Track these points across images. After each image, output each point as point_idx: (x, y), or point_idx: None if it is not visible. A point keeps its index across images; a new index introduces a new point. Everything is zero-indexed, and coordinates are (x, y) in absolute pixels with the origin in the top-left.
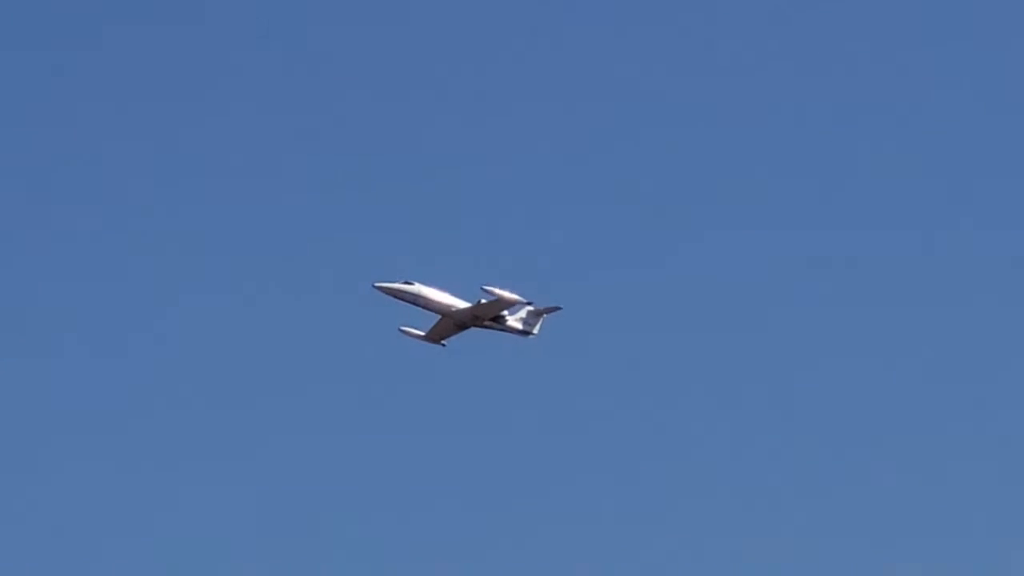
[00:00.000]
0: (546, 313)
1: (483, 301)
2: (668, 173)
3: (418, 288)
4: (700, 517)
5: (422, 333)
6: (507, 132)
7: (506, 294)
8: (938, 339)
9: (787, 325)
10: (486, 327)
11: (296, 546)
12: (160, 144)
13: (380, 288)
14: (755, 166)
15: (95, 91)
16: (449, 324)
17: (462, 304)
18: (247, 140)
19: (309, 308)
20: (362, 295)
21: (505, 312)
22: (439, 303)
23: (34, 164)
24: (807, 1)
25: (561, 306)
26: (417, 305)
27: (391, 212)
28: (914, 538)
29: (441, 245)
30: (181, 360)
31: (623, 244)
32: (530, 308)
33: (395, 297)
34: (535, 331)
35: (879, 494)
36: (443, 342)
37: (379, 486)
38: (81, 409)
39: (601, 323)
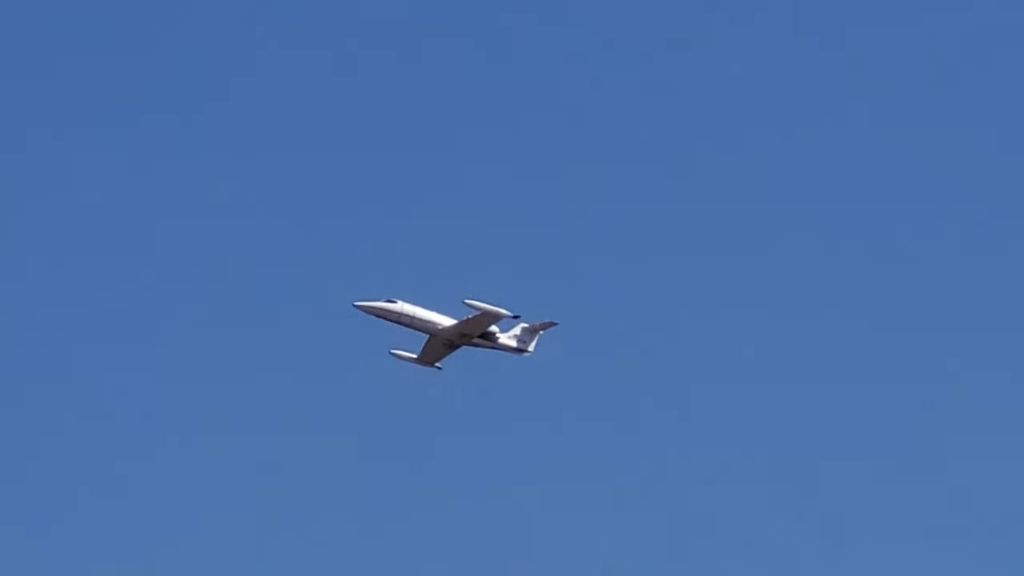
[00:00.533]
0: (542, 330)
1: (469, 317)
2: (669, 178)
3: (401, 306)
4: (704, 541)
5: (414, 356)
6: (497, 136)
7: (490, 307)
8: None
9: (793, 341)
10: (477, 345)
11: None
12: (126, 155)
13: (361, 307)
14: (758, 168)
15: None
16: (438, 343)
17: (448, 321)
18: (205, 149)
19: (285, 331)
20: (341, 315)
21: (496, 329)
22: (424, 321)
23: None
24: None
25: (557, 322)
26: (401, 324)
27: (369, 225)
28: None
29: (426, 259)
30: (155, 395)
31: (622, 256)
32: (524, 325)
33: (377, 316)
34: (530, 349)
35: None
36: (438, 364)
37: (377, 514)
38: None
39: (600, 339)
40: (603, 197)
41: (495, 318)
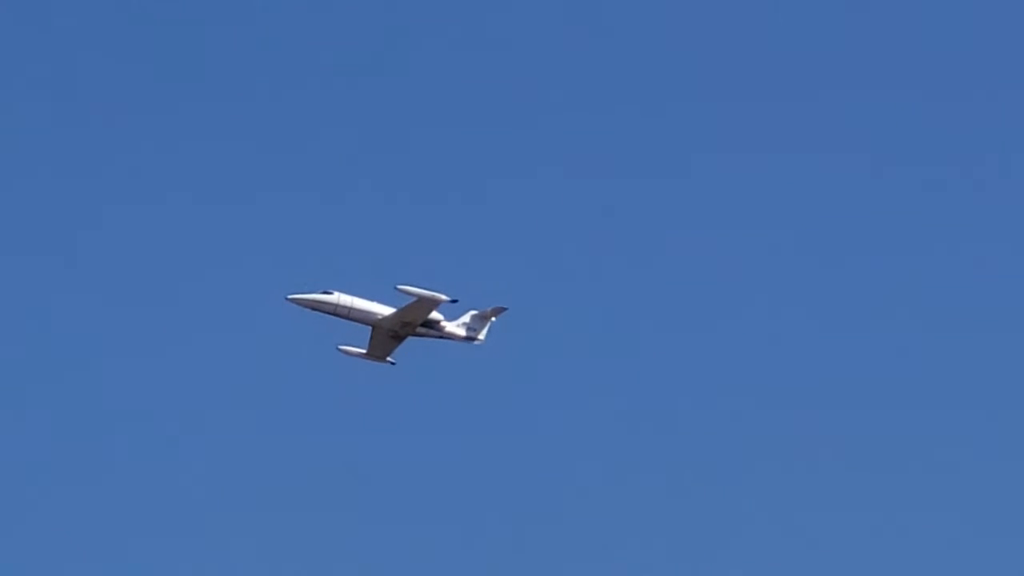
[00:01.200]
0: (493, 316)
1: (407, 304)
2: (617, 159)
3: (338, 297)
4: (663, 527)
5: (363, 351)
6: (441, 115)
7: (424, 292)
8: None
9: (753, 324)
10: (423, 335)
11: None
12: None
13: (295, 300)
14: (711, 152)
15: None
16: (383, 335)
17: (388, 311)
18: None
19: (217, 329)
20: (274, 310)
21: (440, 317)
22: (363, 312)
23: None
24: None
25: (506, 307)
26: (338, 316)
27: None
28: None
29: (368, 249)
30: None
31: (577, 238)
32: (474, 312)
33: (313, 309)
34: (481, 337)
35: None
36: (390, 359)
37: (338, 513)
38: None
39: (554, 325)
40: (556, 180)
41: (432, 303)
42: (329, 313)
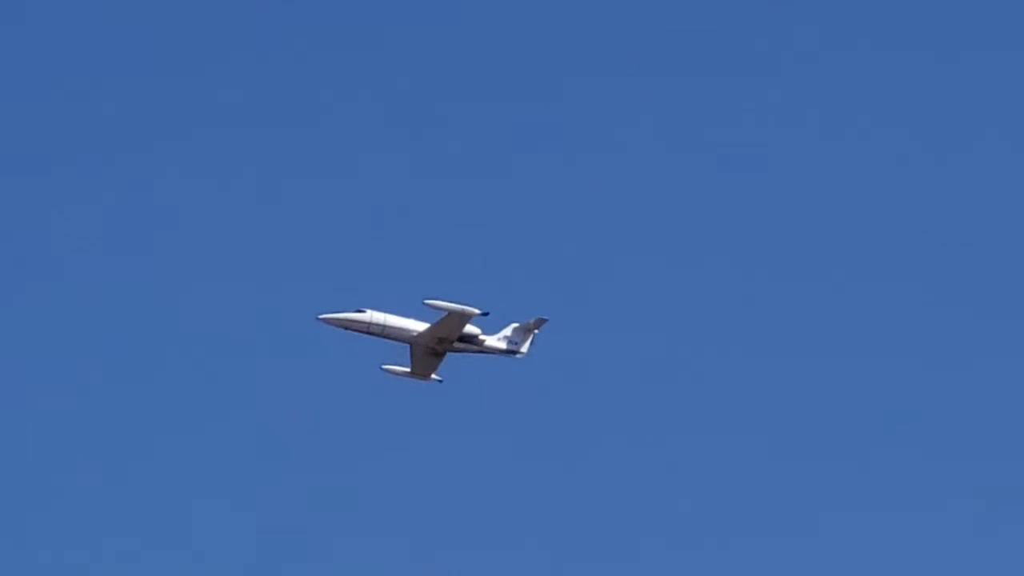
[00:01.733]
0: (535, 328)
1: (440, 320)
2: (669, 164)
3: (371, 315)
4: (712, 541)
5: (407, 369)
6: (483, 123)
7: (453, 306)
8: None
9: (789, 333)
10: (462, 351)
11: None
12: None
13: (326, 320)
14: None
15: None
16: (422, 352)
17: (422, 326)
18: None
19: (250, 351)
20: (305, 331)
21: (478, 331)
22: (397, 329)
23: None
24: None
25: (547, 318)
26: (372, 334)
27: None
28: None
29: (396, 264)
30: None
31: (618, 245)
32: (516, 325)
33: (345, 329)
34: (523, 350)
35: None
36: (436, 376)
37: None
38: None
39: (600, 336)
40: (602, 188)
41: (463, 317)
42: (362, 332)
